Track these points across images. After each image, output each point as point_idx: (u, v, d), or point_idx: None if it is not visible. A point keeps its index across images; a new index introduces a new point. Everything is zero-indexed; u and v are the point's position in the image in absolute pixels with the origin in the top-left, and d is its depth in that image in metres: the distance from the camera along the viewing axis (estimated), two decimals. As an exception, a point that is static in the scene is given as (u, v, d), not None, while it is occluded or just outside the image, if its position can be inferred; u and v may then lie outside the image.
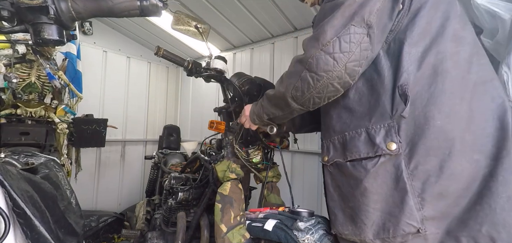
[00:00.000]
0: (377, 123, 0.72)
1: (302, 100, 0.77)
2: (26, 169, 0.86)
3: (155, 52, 1.20)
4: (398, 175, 0.69)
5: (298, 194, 2.41)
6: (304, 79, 0.72)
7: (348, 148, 0.77)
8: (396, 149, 0.69)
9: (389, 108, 0.71)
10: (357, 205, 0.75)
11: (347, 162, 0.77)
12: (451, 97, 0.68)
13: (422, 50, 0.70)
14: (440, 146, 0.67)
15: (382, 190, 0.71)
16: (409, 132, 0.69)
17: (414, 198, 0.68)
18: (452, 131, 0.67)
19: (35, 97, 1.71)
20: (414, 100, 0.69)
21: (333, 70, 0.68)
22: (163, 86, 3.79)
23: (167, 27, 2.64)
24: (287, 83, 0.78)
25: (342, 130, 0.80)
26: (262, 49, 2.84)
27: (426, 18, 0.71)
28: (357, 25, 0.66)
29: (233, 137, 1.25)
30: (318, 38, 0.69)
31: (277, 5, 2.20)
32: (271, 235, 0.93)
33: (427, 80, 0.69)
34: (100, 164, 3.13)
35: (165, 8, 0.79)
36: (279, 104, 0.86)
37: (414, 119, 0.69)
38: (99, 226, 2.65)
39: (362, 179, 0.73)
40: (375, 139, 0.72)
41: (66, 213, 0.88)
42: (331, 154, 0.83)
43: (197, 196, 1.41)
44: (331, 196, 0.85)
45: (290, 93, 0.78)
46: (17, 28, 0.72)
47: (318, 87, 0.71)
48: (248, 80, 1.28)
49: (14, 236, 0.59)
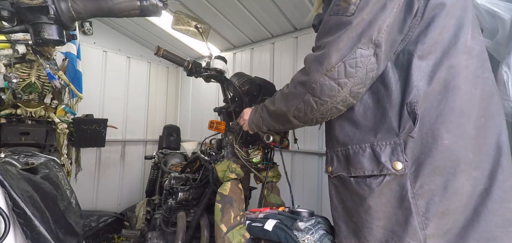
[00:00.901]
0: (383, 139, 0.69)
1: (304, 119, 0.76)
2: (26, 169, 0.86)
3: (155, 52, 1.20)
4: (403, 194, 0.67)
5: (298, 194, 2.41)
6: (307, 102, 0.71)
7: (352, 163, 0.75)
8: (402, 169, 0.66)
9: (396, 125, 0.68)
10: (360, 222, 0.74)
11: (351, 178, 0.75)
12: (460, 115, 0.65)
13: (433, 64, 0.66)
14: (446, 166, 0.65)
15: (386, 208, 0.70)
16: (416, 151, 0.67)
17: (418, 218, 0.66)
18: (458, 151, 0.65)
19: (35, 97, 1.71)
20: (422, 117, 0.65)
21: (337, 95, 0.66)
22: (163, 86, 3.79)
23: (167, 27, 2.64)
24: (289, 104, 0.77)
25: (345, 142, 0.77)
26: (262, 49, 2.84)
27: (439, 28, 0.66)
28: (364, 46, 0.62)
29: (233, 137, 1.25)
30: (322, 62, 0.65)
31: (277, 5, 2.20)
32: (271, 235, 0.93)
33: (437, 96, 0.66)
34: (100, 164, 3.13)
35: (165, 8, 0.79)
36: (280, 120, 0.85)
37: (421, 138, 0.66)
38: (99, 226, 2.65)
39: (366, 197, 0.71)
40: (380, 157, 0.69)
41: (66, 213, 0.88)
42: (335, 166, 0.81)
43: (197, 196, 1.41)
44: (335, 207, 0.84)
45: (293, 113, 0.76)
46: (17, 28, 0.72)
47: (322, 110, 0.70)
48: (248, 80, 1.28)
49: (14, 236, 0.59)
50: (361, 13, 0.63)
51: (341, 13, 0.66)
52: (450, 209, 0.66)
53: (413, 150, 0.67)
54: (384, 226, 0.70)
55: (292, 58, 2.53)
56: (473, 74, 0.68)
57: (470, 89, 0.67)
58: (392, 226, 0.69)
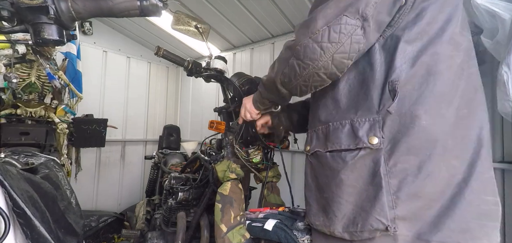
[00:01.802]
0: (363, 116, 0.71)
1: (289, 86, 0.78)
2: (26, 169, 0.86)
3: (155, 52, 1.20)
4: (375, 170, 0.68)
5: (298, 194, 2.41)
6: (292, 66, 0.72)
7: (330, 138, 0.76)
8: (377, 144, 0.67)
9: (376, 103, 0.70)
10: (330, 196, 0.74)
11: (327, 153, 0.76)
12: (439, 100, 0.67)
13: (418, 49, 0.68)
14: (421, 146, 0.66)
15: (357, 183, 0.70)
16: (393, 129, 0.68)
17: (388, 196, 0.66)
18: (436, 134, 0.66)
19: (35, 97, 1.71)
20: (403, 98, 0.67)
21: (319, 59, 0.67)
22: (163, 86, 3.79)
23: (167, 27, 2.64)
24: (277, 69, 0.79)
25: (327, 120, 0.79)
26: (262, 49, 2.84)
27: (428, 19, 0.69)
28: (351, 16, 0.63)
29: (233, 137, 1.25)
30: (309, 26, 0.67)
31: (277, 5, 2.20)
32: (271, 235, 0.93)
33: (418, 79, 0.67)
34: (100, 164, 3.13)
35: (165, 8, 0.79)
36: (272, 88, 0.86)
37: (399, 117, 0.67)
38: (99, 226, 2.65)
39: (339, 170, 0.72)
40: (358, 131, 0.70)
41: (66, 213, 0.88)
42: (313, 144, 0.81)
43: (197, 196, 1.41)
44: (309, 186, 0.84)
45: (279, 78, 0.78)
46: (17, 28, 0.72)
47: (304, 75, 0.71)
48: (248, 80, 1.28)
49: (14, 236, 0.59)
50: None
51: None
52: (424, 193, 0.66)
53: (391, 129, 0.68)
54: (354, 201, 0.70)
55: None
56: (458, 66, 0.69)
57: (454, 79, 0.68)
58: (361, 202, 0.69)
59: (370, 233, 0.67)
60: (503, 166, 1.46)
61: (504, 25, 1.08)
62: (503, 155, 1.48)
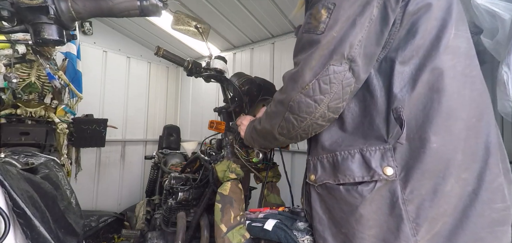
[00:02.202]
0: (372, 145, 0.68)
1: (289, 136, 0.76)
2: (26, 169, 0.86)
3: (155, 52, 1.20)
4: (394, 201, 0.66)
5: (298, 194, 2.41)
6: (288, 120, 0.72)
7: (340, 169, 0.72)
8: (392, 175, 0.65)
9: (384, 132, 0.68)
10: (351, 232, 0.71)
11: (340, 186, 0.72)
12: (447, 117, 0.64)
13: (415, 68, 0.66)
14: (435, 169, 0.64)
15: (377, 216, 0.68)
16: (404, 156, 0.66)
17: (409, 224, 0.65)
18: (447, 153, 0.64)
19: (35, 97, 1.71)
20: (409, 122, 0.65)
21: (315, 112, 0.66)
22: (163, 86, 3.79)
23: (167, 27, 2.64)
24: (273, 123, 0.78)
25: (332, 149, 0.75)
26: (262, 49, 2.84)
27: (420, 33, 0.66)
28: (337, 63, 0.62)
29: (233, 137, 1.25)
30: (297, 80, 0.67)
31: (277, 5, 2.20)
32: (271, 235, 0.93)
33: (422, 100, 0.65)
34: (100, 164, 3.13)
35: (165, 8, 0.79)
36: (268, 138, 0.86)
37: (409, 142, 0.65)
38: (99, 226, 2.65)
39: (357, 205, 0.68)
40: (370, 162, 0.67)
41: (66, 213, 0.88)
42: (319, 174, 0.77)
43: (197, 196, 1.41)
44: (320, 220, 0.79)
45: (277, 130, 0.77)
46: (17, 28, 0.72)
47: (303, 126, 0.70)
48: (248, 80, 1.28)
49: (14, 236, 0.59)
50: (331, 31, 0.63)
51: (312, 31, 0.66)
52: (440, 213, 0.65)
53: (402, 155, 0.66)
54: (376, 234, 0.68)
55: (292, 58, 2.52)
56: (461, 74, 0.67)
57: (459, 90, 0.66)
58: (383, 235, 0.68)
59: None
60: (503, 166, 1.46)
61: (504, 25, 1.08)
62: (503, 155, 1.48)
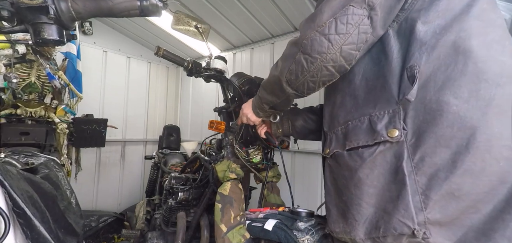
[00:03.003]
0: (382, 109, 0.65)
1: (296, 84, 0.73)
2: (26, 169, 0.86)
3: (155, 52, 1.20)
4: (397, 166, 0.61)
5: (298, 194, 2.41)
6: (298, 62, 0.69)
7: (349, 137, 0.70)
8: (397, 136, 0.60)
9: (395, 93, 0.63)
10: (349, 199, 0.68)
11: (345, 152, 0.70)
12: (474, 80, 0.56)
13: (440, 27, 0.60)
14: (454, 136, 0.56)
15: (378, 182, 0.63)
16: (418, 119, 0.60)
17: (414, 195, 0.58)
18: (472, 120, 0.55)
19: (35, 97, 1.71)
20: (426, 83, 0.59)
21: (327, 52, 0.63)
22: (163, 86, 3.78)
23: (167, 27, 2.64)
24: (282, 67, 0.75)
25: (346, 119, 0.73)
26: (262, 49, 2.84)
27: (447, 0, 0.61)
28: (357, 5, 0.60)
29: (233, 137, 1.25)
30: (314, 19, 0.65)
31: (277, 5, 2.20)
32: (271, 235, 0.93)
33: (444, 60, 0.59)
34: (100, 164, 3.13)
35: (165, 8, 0.79)
36: (274, 90, 0.83)
37: (424, 105, 0.59)
38: (99, 226, 2.65)
39: (357, 168, 0.66)
40: (376, 126, 0.64)
41: (66, 213, 0.88)
42: (333, 146, 0.76)
43: (197, 196, 1.41)
44: (328, 191, 0.78)
45: (285, 76, 0.74)
46: (17, 28, 0.72)
47: (312, 70, 0.67)
48: (248, 80, 1.28)
49: (14, 236, 0.59)
50: None
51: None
52: (463, 192, 0.55)
53: (415, 119, 0.60)
54: (376, 203, 0.64)
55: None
56: (496, 42, 0.59)
57: (491, 54, 0.57)
58: (384, 204, 0.62)
59: (394, 238, 0.61)
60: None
61: (504, 25, 1.08)
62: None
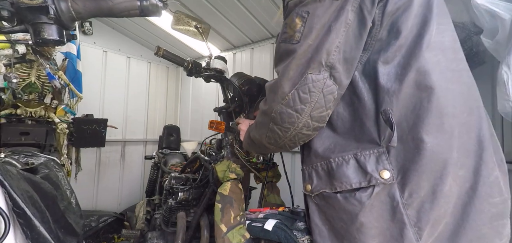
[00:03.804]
0: (366, 149, 0.66)
1: (278, 145, 0.75)
2: (26, 169, 0.86)
3: (155, 52, 1.20)
4: (394, 205, 0.64)
5: (298, 194, 2.41)
6: (273, 131, 0.71)
7: (336, 177, 0.69)
8: (390, 178, 0.63)
9: (375, 135, 0.66)
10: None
11: (337, 194, 0.69)
12: (438, 115, 0.62)
13: (400, 67, 0.64)
14: (432, 170, 0.62)
15: (378, 223, 0.65)
16: (400, 158, 0.64)
17: (411, 229, 0.63)
18: (443, 153, 0.62)
19: (35, 97, 1.71)
20: (399, 123, 0.63)
21: (297, 121, 0.65)
22: (163, 86, 3.79)
23: (167, 27, 2.64)
24: (261, 133, 0.77)
25: (326, 156, 0.72)
26: (262, 49, 2.84)
27: (402, 32, 0.64)
28: (315, 71, 0.61)
29: (233, 137, 1.25)
30: (277, 92, 0.66)
31: (277, 5, 2.20)
32: (271, 235, 0.93)
33: (411, 100, 0.63)
34: (100, 164, 3.13)
35: (165, 8, 0.79)
36: (260, 147, 0.85)
37: (402, 144, 0.64)
38: (99, 226, 2.65)
39: (357, 213, 0.66)
40: (366, 167, 0.65)
41: (66, 213, 0.88)
42: (315, 183, 0.75)
43: (197, 196, 1.41)
44: (320, 231, 0.76)
45: (265, 140, 0.76)
46: (17, 28, 0.72)
47: (288, 136, 0.69)
48: (248, 80, 1.28)
49: (14, 236, 0.59)
50: (306, 40, 0.62)
51: (288, 40, 0.65)
52: (441, 214, 0.64)
53: (397, 158, 0.64)
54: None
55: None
56: (447, 69, 0.65)
57: (447, 86, 0.64)
58: (387, 242, 0.65)
59: None
60: (503, 166, 1.46)
61: (504, 25, 1.08)
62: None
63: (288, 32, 0.66)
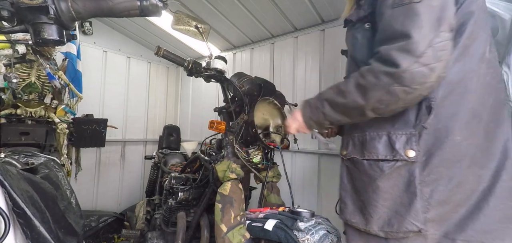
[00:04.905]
0: (400, 129, 0.76)
1: (383, 111, 0.74)
2: (26, 169, 0.86)
3: (155, 52, 1.19)
4: (410, 180, 0.74)
5: (298, 194, 2.41)
6: (394, 94, 0.69)
7: (367, 147, 0.81)
8: (413, 157, 0.73)
9: (413, 118, 0.75)
10: (367, 200, 0.80)
11: (364, 160, 0.81)
12: (473, 116, 0.72)
13: (456, 67, 0.72)
14: (453, 159, 0.72)
15: (392, 190, 0.76)
16: (429, 142, 0.73)
17: (422, 202, 0.72)
18: (467, 148, 0.72)
19: (35, 97, 1.71)
20: (438, 113, 0.72)
21: (428, 81, 0.65)
22: (163, 86, 3.78)
23: (167, 27, 2.64)
24: (369, 96, 0.74)
25: (364, 129, 0.83)
26: (262, 49, 2.84)
27: (467, 35, 0.72)
28: (446, 30, 0.64)
29: (233, 137, 1.25)
30: (411, 50, 0.64)
31: (277, 5, 2.20)
32: (271, 235, 0.93)
33: (454, 96, 0.72)
34: (100, 164, 3.13)
35: (165, 8, 0.79)
36: (351, 113, 0.82)
37: (435, 131, 0.72)
38: (99, 226, 2.64)
39: (376, 178, 0.77)
40: (395, 144, 0.75)
41: (66, 213, 0.88)
42: (350, 150, 0.87)
43: (197, 196, 1.41)
44: (344, 187, 0.89)
45: (372, 105, 0.74)
46: (17, 28, 0.72)
47: (408, 99, 0.69)
48: (248, 80, 1.28)
49: (14, 236, 0.59)
50: (430, 1, 0.64)
51: (407, 1, 0.66)
52: (452, 200, 0.73)
53: (427, 142, 0.73)
54: (389, 206, 0.77)
55: (292, 58, 2.53)
56: (489, 83, 0.75)
57: (484, 95, 0.74)
58: (396, 207, 0.76)
59: (404, 233, 0.75)
60: (503, 166, 1.45)
61: (504, 25, 1.08)
62: (503, 155, 1.48)
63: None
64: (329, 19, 2.28)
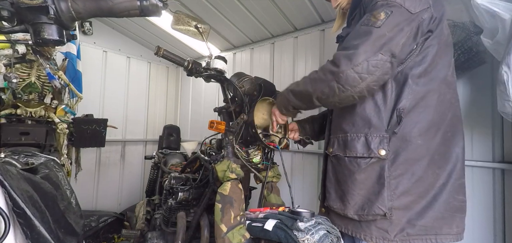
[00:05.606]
0: (374, 133, 0.93)
1: (324, 102, 0.95)
2: (26, 169, 0.86)
3: (155, 52, 1.19)
4: (381, 173, 0.91)
5: (298, 194, 2.41)
6: (332, 88, 0.87)
7: (348, 147, 0.98)
8: (384, 155, 0.90)
9: (386, 124, 0.92)
10: (346, 189, 0.97)
11: (346, 157, 0.98)
12: (432, 126, 0.91)
13: (421, 86, 0.90)
14: (415, 159, 0.90)
15: (367, 181, 0.94)
16: (396, 144, 0.91)
17: (389, 192, 0.90)
18: (427, 150, 0.90)
19: (35, 97, 1.71)
20: (405, 122, 0.90)
21: (358, 86, 0.83)
22: (163, 86, 3.78)
23: (167, 27, 2.64)
24: (316, 87, 0.93)
25: (346, 131, 1.00)
26: (262, 49, 2.84)
27: (429, 62, 0.90)
28: (384, 54, 0.81)
29: (233, 137, 1.25)
30: (351, 59, 0.82)
31: (277, 5, 2.20)
32: (271, 235, 0.93)
33: (419, 109, 0.90)
34: (100, 164, 3.13)
35: (165, 8, 0.79)
36: (304, 100, 1.02)
37: (402, 136, 0.90)
38: (99, 226, 2.64)
39: (354, 171, 0.95)
40: (371, 144, 0.92)
41: (66, 213, 0.88)
42: (335, 148, 1.04)
43: (197, 196, 1.41)
44: (329, 179, 1.07)
45: (317, 94, 0.93)
46: (17, 28, 0.72)
47: (341, 96, 0.87)
48: (248, 80, 1.28)
49: (14, 236, 0.59)
50: (385, 28, 0.82)
51: (371, 24, 0.84)
52: (414, 191, 0.90)
53: (395, 144, 0.91)
54: (363, 194, 0.94)
55: (292, 58, 2.53)
56: (448, 101, 0.94)
57: (444, 111, 0.93)
58: (369, 195, 0.93)
59: (373, 216, 0.92)
60: (503, 166, 1.46)
61: (504, 25, 1.08)
62: (503, 155, 1.48)
63: (371, 19, 0.85)
64: (329, 19, 2.28)
